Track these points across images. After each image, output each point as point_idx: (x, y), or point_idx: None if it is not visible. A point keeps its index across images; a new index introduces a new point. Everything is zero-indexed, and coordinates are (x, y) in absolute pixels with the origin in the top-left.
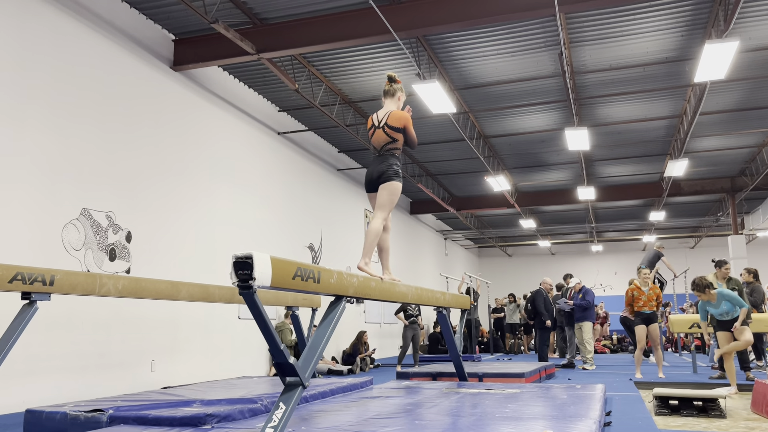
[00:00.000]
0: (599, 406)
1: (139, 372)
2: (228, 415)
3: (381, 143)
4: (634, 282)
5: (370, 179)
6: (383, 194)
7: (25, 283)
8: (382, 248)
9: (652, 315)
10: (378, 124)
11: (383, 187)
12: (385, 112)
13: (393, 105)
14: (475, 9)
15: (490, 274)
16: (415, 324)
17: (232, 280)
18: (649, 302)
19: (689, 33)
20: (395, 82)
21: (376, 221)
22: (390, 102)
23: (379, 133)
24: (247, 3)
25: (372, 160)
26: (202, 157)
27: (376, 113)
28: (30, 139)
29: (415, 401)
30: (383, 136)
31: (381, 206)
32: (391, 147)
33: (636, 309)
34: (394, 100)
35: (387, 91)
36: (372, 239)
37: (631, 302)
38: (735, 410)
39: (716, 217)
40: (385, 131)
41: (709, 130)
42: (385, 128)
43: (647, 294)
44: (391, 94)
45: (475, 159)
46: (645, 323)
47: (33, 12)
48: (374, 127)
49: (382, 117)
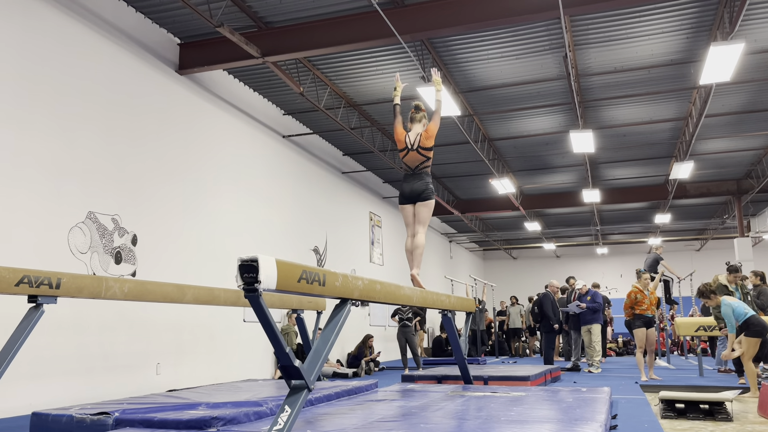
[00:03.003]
0: (605, 410)
1: (144, 375)
2: (233, 418)
3: (416, 163)
4: (636, 285)
5: (408, 194)
6: (424, 211)
7: (31, 286)
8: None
9: (652, 318)
10: (411, 147)
11: (423, 204)
12: (415, 135)
13: (420, 128)
14: (479, 12)
15: (495, 277)
16: (406, 327)
17: (238, 283)
18: (651, 306)
19: (694, 35)
20: (421, 110)
21: (420, 236)
22: (417, 126)
23: (413, 155)
24: (252, 7)
25: (405, 176)
26: (207, 160)
27: (408, 136)
28: (36, 142)
29: (420, 404)
30: (418, 156)
31: (422, 222)
32: (425, 165)
33: (638, 312)
34: (420, 125)
35: (413, 118)
36: (421, 251)
37: (632, 304)
38: (742, 413)
39: (722, 219)
40: (420, 152)
41: (715, 132)
42: (419, 150)
43: (649, 298)
44: (419, 120)
45: (479, 162)
46: (646, 326)
47: (38, 16)
48: (407, 149)
49: (414, 140)
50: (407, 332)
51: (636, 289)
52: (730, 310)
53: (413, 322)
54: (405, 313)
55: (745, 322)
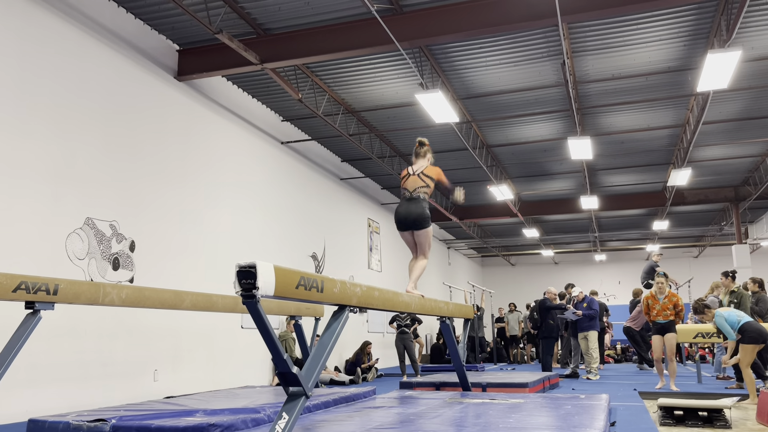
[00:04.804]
0: (603, 417)
1: (142, 381)
2: (231, 425)
3: (414, 186)
4: (650, 291)
5: (404, 220)
6: (421, 240)
7: (28, 292)
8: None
9: (667, 324)
10: (413, 173)
11: (420, 234)
12: (419, 166)
13: (424, 162)
14: (477, 19)
15: (493, 284)
16: (404, 334)
17: (236, 289)
18: (663, 311)
19: (692, 43)
20: (425, 146)
21: (422, 261)
22: (421, 160)
23: (414, 178)
24: (251, 13)
25: (402, 200)
26: (205, 166)
27: (411, 167)
28: (34, 148)
29: (418, 411)
30: (418, 180)
31: (422, 249)
32: (423, 190)
33: (651, 318)
34: (424, 159)
35: (418, 153)
36: (419, 272)
37: (647, 311)
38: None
39: (720, 226)
40: (420, 177)
41: (712, 139)
42: (420, 175)
43: (662, 303)
44: (422, 155)
45: (478, 168)
46: (659, 333)
47: (38, 23)
48: (408, 174)
49: (417, 169)
50: (405, 339)
51: (648, 294)
52: (723, 320)
53: (411, 329)
54: (403, 319)
55: (740, 329)
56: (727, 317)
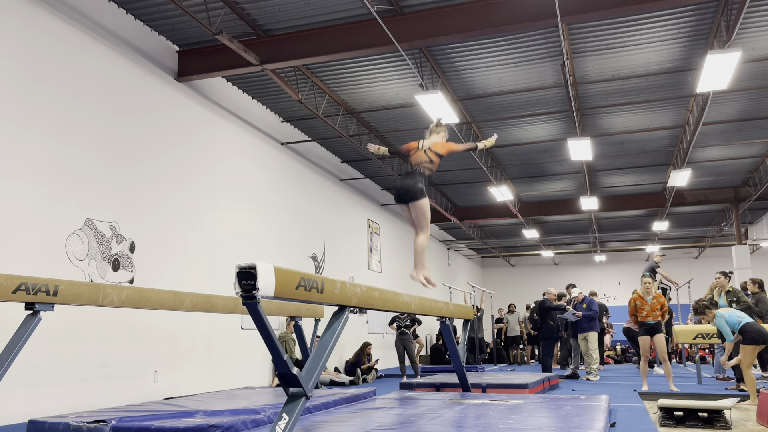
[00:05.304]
0: (603, 418)
1: (142, 382)
2: (231, 426)
3: (418, 161)
4: (637, 291)
5: (400, 192)
6: (417, 212)
7: (28, 293)
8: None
9: (656, 325)
10: (421, 147)
11: (415, 206)
12: (429, 142)
13: (438, 138)
14: (477, 20)
15: (493, 285)
16: (404, 335)
17: (236, 290)
18: (653, 312)
19: (691, 43)
20: (442, 126)
21: (420, 237)
22: (434, 136)
23: (420, 154)
24: (251, 14)
25: (404, 174)
26: (205, 167)
27: (422, 142)
28: (34, 149)
29: (418, 412)
30: (423, 156)
31: (419, 223)
32: (426, 165)
33: (639, 319)
34: (438, 136)
35: (432, 130)
36: (421, 251)
37: (634, 312)
38: (741, 421)
39: (720, 227)
40: (427, 153)
41: (712, 140)
42: (427, 151)
43: (650, 304)
44: (437, 132)
45: (478, 169)
46: (649, 334)
47: (38, 24)
48: (417, 149)
49: (426, 144)
50: (405, 340)
51: (636, 295)
52: (723, 321)
53: (411, 330)
54: (403, 320)
55: (741, 330)
56: (727, 318)
